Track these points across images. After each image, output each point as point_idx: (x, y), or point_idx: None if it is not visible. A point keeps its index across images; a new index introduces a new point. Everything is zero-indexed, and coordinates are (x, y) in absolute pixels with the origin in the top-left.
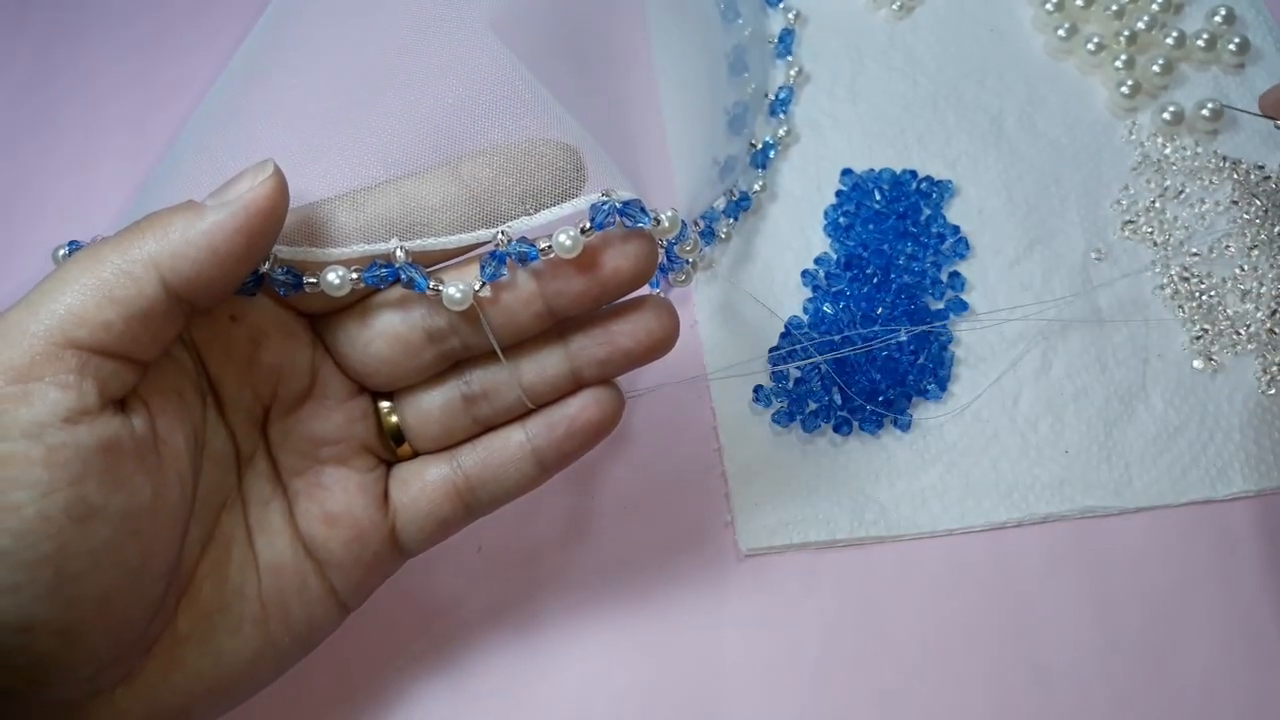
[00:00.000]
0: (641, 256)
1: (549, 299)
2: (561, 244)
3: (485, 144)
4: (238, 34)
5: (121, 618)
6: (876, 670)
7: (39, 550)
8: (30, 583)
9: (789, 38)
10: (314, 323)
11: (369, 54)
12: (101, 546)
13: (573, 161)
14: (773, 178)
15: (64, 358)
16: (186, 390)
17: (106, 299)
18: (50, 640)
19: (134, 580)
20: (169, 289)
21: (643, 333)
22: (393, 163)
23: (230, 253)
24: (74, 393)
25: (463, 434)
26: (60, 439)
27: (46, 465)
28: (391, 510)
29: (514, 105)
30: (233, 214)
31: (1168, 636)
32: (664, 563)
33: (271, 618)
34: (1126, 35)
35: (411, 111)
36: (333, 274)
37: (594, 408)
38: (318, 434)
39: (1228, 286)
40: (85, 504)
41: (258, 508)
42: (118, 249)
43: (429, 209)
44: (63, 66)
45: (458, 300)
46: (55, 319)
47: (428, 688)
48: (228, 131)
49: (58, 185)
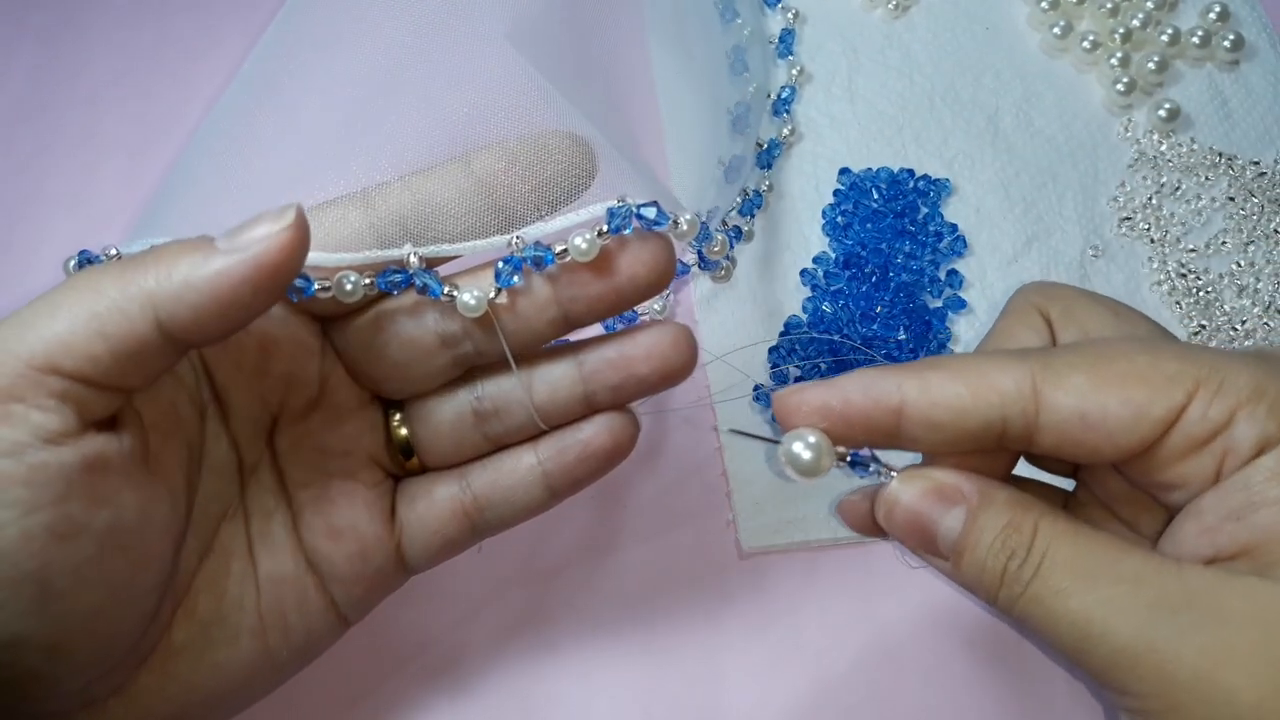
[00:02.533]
0: (659, 262)
1: (564, 305)
2: (578, 247)
3: (492, 135)
4: (240, 34)
5: (110, 632)
6: (876, 670)
7: (22, 568)
8: (14, 600)
9: (789, 37)
10: (324, 327)
11: (379, 63)
12: (86, 563)
13: (583, 152)
14: (774, 177)
15: (46, 383)
16: (183, 403)
17: (97, 333)
18: (37, 655)
19: (122, 595)
20: (163, 330)
21: (658, 359)
22: (405, 170)
23: (234, 302)
24: (55, 416)
25: (473, 451)
26: (41, 458)
27: (28, 484)
28: (398, 527)
29: (526, 109)
30: (242, 263)
31: None
32: (665, 562)
33: (270, 630)
34: (1121, 33)
35: (423, 120)
36: (347, 280)
37: (607, 434)
38: (326, 445)
39: (1225, 282)
40: (69, 522)
41: (260, 519)
42: (118, 282)
43: (441, 205)
44: (63, 67)
45: (473, 307)
46: (42, 344)
47: (426, 684)
48: (239, 141)
49: (58, 185)
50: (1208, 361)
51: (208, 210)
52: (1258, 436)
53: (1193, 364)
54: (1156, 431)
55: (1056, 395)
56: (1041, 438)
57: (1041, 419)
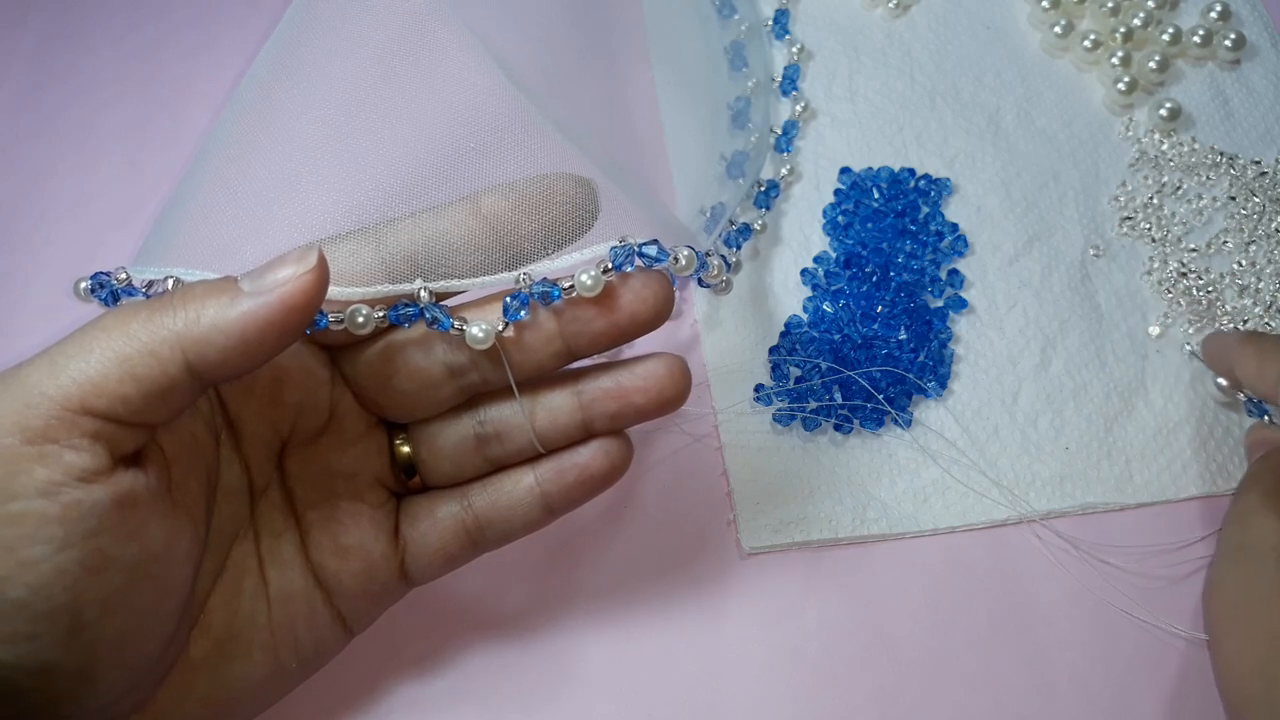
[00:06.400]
0: (659, 300)
1: (568, 339)
2: (583, 283)
3: (496, 176)
4: (240, 37)
5: (136, 655)
6: (877, 670)
7: (55, 601)
8: (47, 631)
9: (784, 17)
10: (333, 355)
11: (372, 81)
12: (115, 593)
13: (588, 194)
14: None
15: (80, 424)
16: (201, 432)
17: (129, 375)
18: (66, 681)
19: (147, 621)
20: (192, 371)
21: (654, 390)
22: (405, 196)
23: (260, 343)
24: (87, 455)
25: (474, 471)
26: (75, 496)
27: (62, 522)
28: (402, 544)
29: (521, 141)
30: (267, 305)
31: (1169, 634)
32: (666, 562)
33: (280, 643)
34: (1122, 32)
35: (416, 138)
36: (359, 314)
37: (603, 458)
38: (333, 467)
39: (1226, 282)
40: (100, 556)
41: (270, 538)
42: (147, 324)
43: (450, 243)
44: (64, 68)
45: (481, 340)
46: (75, 386)
47: (426, 682)
48: (239, 161)
49: (58, 186)
50: None
51: (215, 231)
52: None
53: None
54: None
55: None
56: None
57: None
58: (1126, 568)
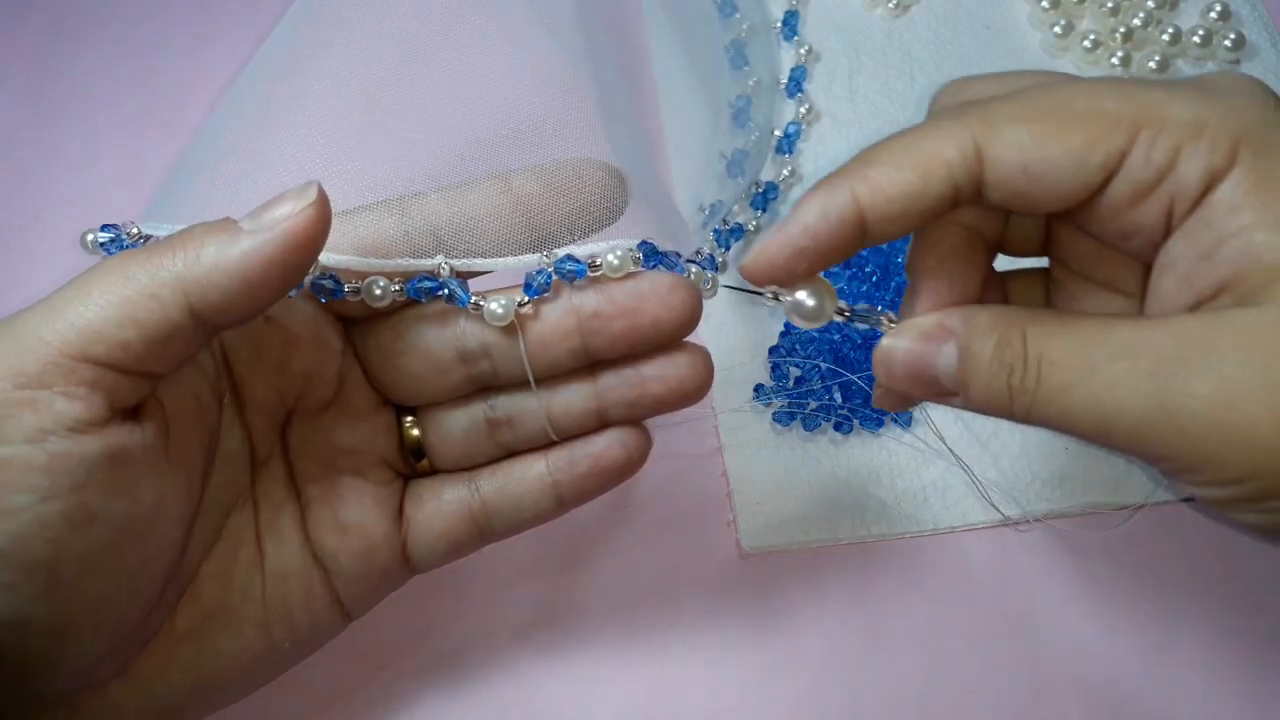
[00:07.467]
0: (685, 309)
1: (586, 337)
2: (610, 263)
3: (527, 158)
4: (240, 33)
5: (116, 618)
6: (877, 670)
7: (35, 554)
8: (25, 583)
9: (794, 19)
10: (348, 328)
11: (395, 50)
12: (99, 551)
13: (618, 184)
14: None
15: (77, 371)
16: (204, 393)
17: (129, 319)
18: (42, 638)
19: (131, 582)
20: (194, 314)
21: (674, 380)
22: (434, 175)
23: (263, 283)
24: (82, 404)
25: (484, 457)
26: (64, 446)
27: (47, 471)
28: (405, 526)
29: (556, 133)
30: (269, 242)
31: (1169, 634)
32: (666, 562)
33: (274, 621)
34: (1122, 32)
35: (453, 127)
36: (376, 285)
37: (619, 448)
38: (338, 442)
39: None
40: (85, 510)
41: (269, 511)
42: (146, 266)
43: (477, 219)
44: (64, 65)
45: (500, 315)
46: (73, 331)
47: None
48: (255, 124)
49: (58, 185)
50: (1147, 100)
51: (224, 191)
52: (1203, 171)
53: (1132, 103)
54: (1099, 178)
55: (998, 150)
56: (989, 193)
57: (987, 175)
58: (1126, 568)
